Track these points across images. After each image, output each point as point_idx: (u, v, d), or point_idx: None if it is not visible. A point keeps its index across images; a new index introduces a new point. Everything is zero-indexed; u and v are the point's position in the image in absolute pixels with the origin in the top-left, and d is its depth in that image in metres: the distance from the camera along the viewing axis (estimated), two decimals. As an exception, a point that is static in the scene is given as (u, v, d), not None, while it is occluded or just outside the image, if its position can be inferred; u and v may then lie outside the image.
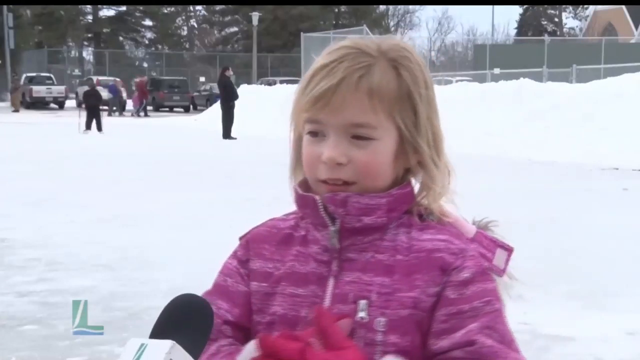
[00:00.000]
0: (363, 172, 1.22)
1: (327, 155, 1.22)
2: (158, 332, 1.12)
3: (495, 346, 1.17)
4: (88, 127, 24.23)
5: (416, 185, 1.30)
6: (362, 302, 1.20)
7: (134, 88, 41.48)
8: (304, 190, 1.28)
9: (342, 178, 1.22)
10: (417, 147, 1.25)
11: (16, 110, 40.76)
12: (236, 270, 1.33)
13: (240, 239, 1.37)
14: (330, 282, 1.24)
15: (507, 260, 1.29)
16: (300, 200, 1.28)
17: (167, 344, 1.07)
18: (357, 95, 1.21)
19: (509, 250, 1.30)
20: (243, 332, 1.30)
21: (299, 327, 1.23)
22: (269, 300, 1.27)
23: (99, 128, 24.06)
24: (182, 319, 1.14)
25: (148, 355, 1.08)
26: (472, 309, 1.19)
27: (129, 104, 41.79)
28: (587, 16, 59.18)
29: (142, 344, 1.09)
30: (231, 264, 1.34)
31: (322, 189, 1.25)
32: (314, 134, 1.25)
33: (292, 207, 1.33)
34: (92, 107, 24.85)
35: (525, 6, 67.00)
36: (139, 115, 38.91)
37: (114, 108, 39.84)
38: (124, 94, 41.69)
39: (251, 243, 1.34)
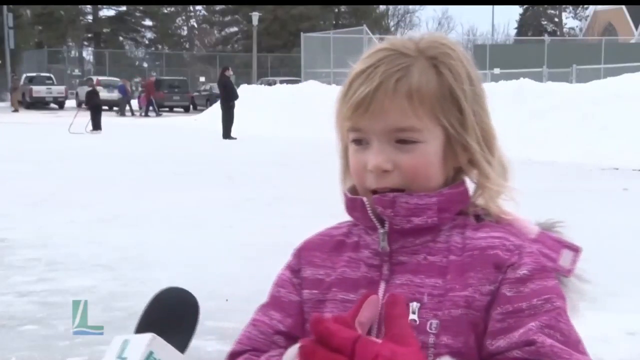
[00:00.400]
0: (411, 176, 1.19)
1: (372, 164, 1.18)
2: (141, 328, 1.14)
3: (557, 346, 1.11)
4: (98, 127, 24.29)
5: (472, 186, 1.26)
6: (414, 305, 1.16)
7: (138, 88, 41.48)
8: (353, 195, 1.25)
9: (389, 186, 1.19)
10: (466, 146, 1.21)
11: (15, 110, 40.76)
12: (288, 280, 1.30)
13: (296, 248, 1.34)
14: (382, 286, 1.20)
15: (575, 261, 1.25)
16: (349, 203, 1.25)
17: (147, 337, 1.09)
18: (396, 99, 1.17)
19: (576, 250, 1.26)
20: (296, 342, 1.28)
21: None
22: (320, 307, 1.24)
23: (99, 127, 24.17)
24: (167, 313, 1.15)
25: (130, 349, 1.09)
26: (531, 307, 1.13)
27: (133, 104, 41.88)
28: (587, 16, 59.17)
29: (125, 340, 1.11)
30: (284, 274, 1.32)
31: (373, 199, 1.21)
32: (358, 142, 1.21)
33: (292, 207, 1.34)
34: (97, 107, 24.98)
35: (525, 6, 67.00)
36: (147, 115, 38.96)
37: (130, 108, 40.00)
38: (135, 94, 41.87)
39: (302, 252, 1.31)
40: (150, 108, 39.75)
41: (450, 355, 1.13)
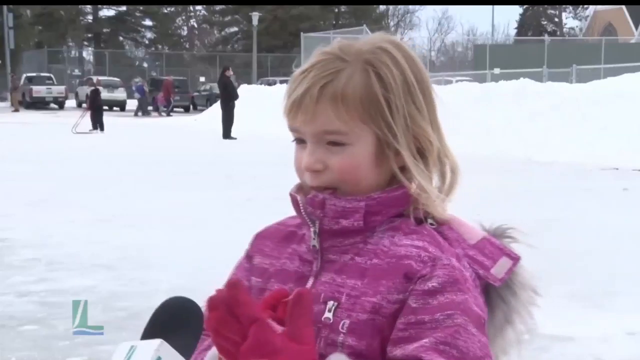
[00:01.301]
0: (340, 177, 1.22)
1: (303, 163, 1.24)
2: (148, 334, 1.14)
3: None
4: (101, 127, 24.35)
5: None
6: (330, 303, 1.20)
7: (141, 88, 41.51)
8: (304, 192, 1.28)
9: (322, 185, 1.23)
10: (398, 150, 1.22)
11: (15, 110, 40.76)
12: (243, 266, 1.37)
13: (255, 234, 1.40)
14: (310, 282, 1.24)
15: (510, 270, 1.24)
16: (291, 199, 1.29)
17: (155, 342, 1.09)
18: (320, 104, 1.20)
19: (514, 259, 1.26)
20: None
21: None
22: (261, 295, 1.27)
23: (103, 127, 24.25)
24: (172, 321, 1.15)
25: (138, 355, 1.09)
26: (432, 321, 1.14)
27: (131, 104, 41.92)
28: (587, 16, 59.17)
29: (131, 346, 1.11)
30: (242, 259, 1.38)
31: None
32: (298, 140, 1.26)
33: (292, 208, 1.34)
34: (100, 107, 25.09)
35: (525, 6, 66.99)
36: (169, 114, 39.07)
37: (150, 108, 40.10)
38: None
39: (257, 239, 1.37)
40: (164, 107, 39.94)
41: (348, 356, 1.16)
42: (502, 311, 1.26)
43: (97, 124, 24.59)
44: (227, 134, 21.66)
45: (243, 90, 27.39)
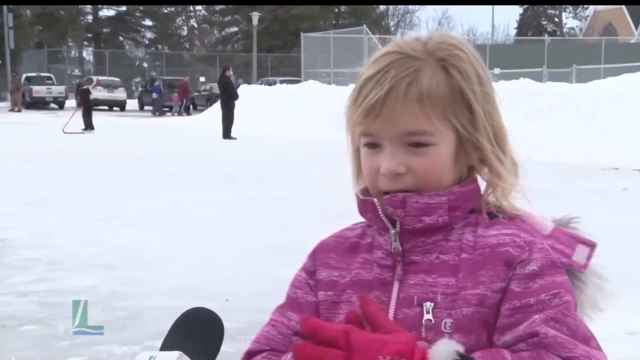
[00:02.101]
0: (424, 179, 1.20)
1: (385, 167, 1.19)
2: (168, 345, 1.13)
3: (560, 337, 1.12)
4: (91, 126, 24.39)
5: (483, 184, 1.27)
6: (428, 304, 1.18)
7: (138, 88, 41.63)
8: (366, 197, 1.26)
9: (403, 189, 1.20)
10: (477, 145, 1.22)
11: (18, 110, 40.73)
12: (304, 281, 1.32)
13: (312, 250, 1.36)
14: (395, 287, 1.21)
15: (590, 256, 1.25)
16: (361, 205, 1.26)
17: (174, 354, 1.09)
18: (407, 104, 1.18)
19: (591, 245, 1.26)
20: None
21: None
22: (335, 308, 1.25)
23: (92, 127, 24.33)
24: (191, 332, 1.15)
25: None
26: (539, 302, 1.14)
27: (130, 104, 41.98)
28: (587, 16, 59.17)
29: (150, 357, 1.10)
30: (300, 275, 1.33)
31: (386, 201, 1.22)
32: (370, 145, 1.22)
33: (292, 207, 1.34)
34: (90, 106, 25.13)
35: (525, 6, 67.00)
36: (180, 114, 39.15)
37: (171, 108, 40.09)
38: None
39: (318, 253, 1.33)
40: (179, 107, 40.01)
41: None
42: (588, 297, 1.27)
43: (87, 122, 24.65)
44: (227, 134, 21.66)
45: (243, 90, 27.37)
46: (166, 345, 1.14)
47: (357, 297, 1.15)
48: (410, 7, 67.49)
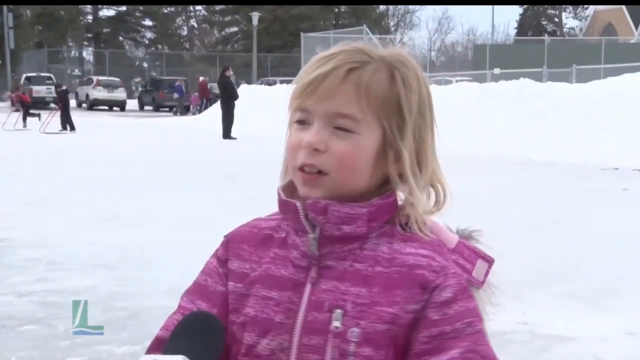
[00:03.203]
0: (338, 162, 1.21)
1: (306, 140, 1.22)
2: (170, 349, 1.14)
3: None
4: (72, 126, 24.37)
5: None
6: (337, 312, 1.20)
7: (138, 88, 41.65)
8: (288, 195, 1.27)
9: (316, 165, 1.22)
10: (399, 155, 1.24)
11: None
12: (215, 270, 1.33)
13: (225, 236, 1.37)
14: (307, 289, 1.24)
15: (487, 272, 1.29)
16: (282, 205, 1.28)
17: (177, 358, 1.09)
18: (344, 86, 1.22)
19: (489, 261, 1.30)
20: None
21: (271, 332, 1.23)
22: (243, 301, 1.27)
23: (73, 127, 24.26)
24: (194, 337, 1.15)
25: None
26: (454, 331, 1.19)
27: (130, 104, 41.96)
28: (587, 16, 59.17)
29: (154, 359, 1.11)
30: (212, 263, 1.35)
31: (299, 178, 1.24)
32: (301, 122, 1.25)
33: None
34: (68, 106, 25.18)
35: (525, 6, 66.99)
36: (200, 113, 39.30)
37: (197, 107, 40.23)
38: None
39: (231, 243, 1.34)
40: (199, 107, 40.08)
41: None
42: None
43: (67, 124, 24.62)
44: (227, 134, 21.66)
45: (243, 90, 27.38)
46: (168, 350, 1.14)
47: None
48: (410, 7, 67.57)
